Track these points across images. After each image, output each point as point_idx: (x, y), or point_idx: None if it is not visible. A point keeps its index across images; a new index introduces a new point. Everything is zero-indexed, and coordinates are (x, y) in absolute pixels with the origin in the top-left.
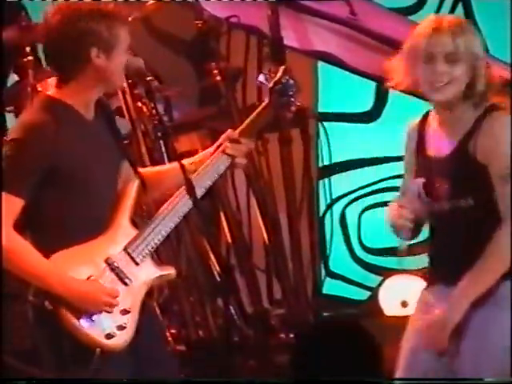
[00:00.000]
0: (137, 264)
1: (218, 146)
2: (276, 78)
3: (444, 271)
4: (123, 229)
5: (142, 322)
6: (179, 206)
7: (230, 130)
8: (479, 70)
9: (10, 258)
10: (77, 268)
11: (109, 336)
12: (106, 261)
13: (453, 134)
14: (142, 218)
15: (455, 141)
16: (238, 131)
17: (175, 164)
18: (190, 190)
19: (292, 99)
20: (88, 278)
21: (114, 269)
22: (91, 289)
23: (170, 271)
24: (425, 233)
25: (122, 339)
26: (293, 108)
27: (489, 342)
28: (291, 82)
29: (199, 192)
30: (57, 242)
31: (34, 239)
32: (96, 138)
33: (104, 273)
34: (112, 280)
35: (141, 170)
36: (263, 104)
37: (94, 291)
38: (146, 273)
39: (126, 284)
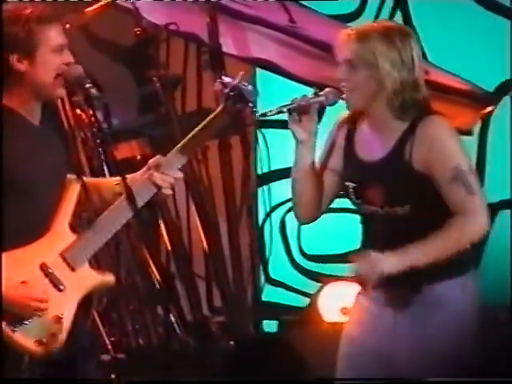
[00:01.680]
0: (73, 270)
1: (147, 170)
2: (233, 83)
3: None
4: (61, 234)
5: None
6: (119, 213)
7: (157, 157)
8: (390, 77)
9: None
10: (11, 272)
11: (40, 342)
12: (41, 266)
13: (385, 138)
14: (81, 224)
15: (389, 146)
16: (176, 148)
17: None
18: (131, 199)
19: (251, 104)
20: (22, 283)
21: (47, 274)
22: (20, 294)
23: (109, 278)
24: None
25: (53, 344)
26: (253, 113)
27: (422, 341)
28: (250, 88)
29: (140, 203)
30: None
31: None
32: (41, 143)
33: (38, 278)
34: (45, 285)
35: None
36: (217, 110)
37: (22, 296)
38: (83, 279)
39: (60, 290)
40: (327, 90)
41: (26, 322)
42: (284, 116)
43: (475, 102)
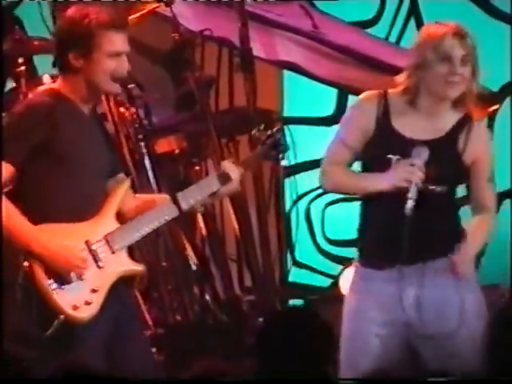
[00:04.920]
0: (113, 253)
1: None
2: (270, 133)
3: (391, 254)
4: (107, 220)
5: (112, 306)
6: (164, 211)
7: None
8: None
9: None
10: (58, 241)
11: (75, 307)
12: (86, 242)
13: (434, 122)
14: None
15: (440, 130)
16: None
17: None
18: (176, 202)
19: (280, 155)
20: (65, 245)
21: (91, 250)
22: (64, 251)
23: (140, 268)
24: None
25: (86, 313)
26: (280, 162)
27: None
28: (282, 141)
29: (184, 205)
30: (44, 216)
31: (22, 209)
32: (91, 133)
33: (82, 252)
34: (88, 260)
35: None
36: (255, 150)
37: (67, 253)
38: (119, 263)
39: (99, 267)
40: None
41: (65, 287)
42: (309, 113)
43: (481, 100)
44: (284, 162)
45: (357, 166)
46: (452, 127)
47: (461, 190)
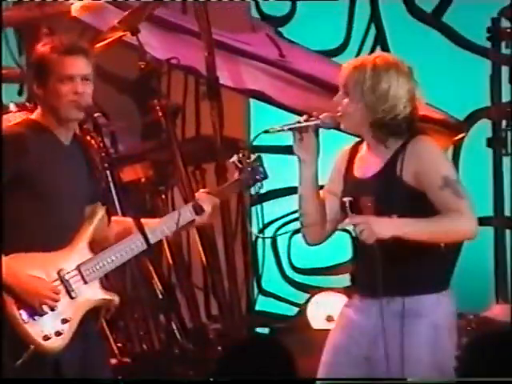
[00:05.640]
0: (85, 282)
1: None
2: (249, 161)
3: (366, 285)
4: (80, 250)
5: (81, 336)
6: (136, 243)
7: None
8: (375, 108)
9: None
10: (30, 271)
11: (46, 337)
12: (58, 272)
13: (378, 158)
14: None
15: (381, 164)
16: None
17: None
18: (145, 237)
19: (258, 183)
20: (38, 277)
21: (63, 281)
22: (36, 283)
23: (114, 298)
24: (348, 254)
25: (57, 344)
26: (258, 190)
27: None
28: (261, 169)
29: (154, 238)
30: (18, 245)
31: None
32: (69, 162)
33: (53, 282)
34: (60, 291)
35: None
36: (233, 179)
37: (37, 285)
38: (92, 293)
39: (71, 297)
40: (324, 114)
41: (37, 318)
42: (277, 141)
43: (448, 129)
44: (262, 191)
45: None
46: (390, 157)
47: None
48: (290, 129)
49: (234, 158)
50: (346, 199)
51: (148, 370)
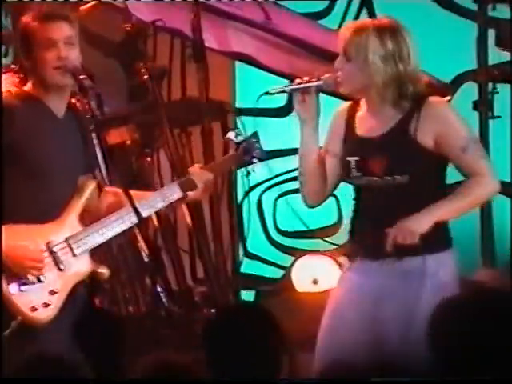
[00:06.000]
0: (74, 255)
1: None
2: (244, 137)
3: (370, 246)
4: (70, 222)
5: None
6: (125, 217)
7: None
8: (380, 72)
9: None
10: (18, 242)
11: (33, 309)
12: (47, 244)
13: (384, 118)
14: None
15: (389, 124)
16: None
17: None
18: (136, 211)
19: (254, 160)
20: (22, 246)
21: (51, 252)
22: (20, 251)
23: (103, 271)
24: (334, 217)
25: (44, 315)
26: (253, 167)
27: (405, 310)
28: (258, 145)
29: (145, 213)
30: (8, 217)
31: None
32: (63, 135)
33: (41, 253)
34: (48, 263)
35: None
36: (228, 154)
37: (23, 254)
38: (81, 265)
39: (60, 269)
40: (327, 75)
41: (24, 289)
42: (261, 104)
43: (433, 92)
44: (257, 169)
45: None
46: (400, 119)
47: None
48: (292, 90)
49: (230, 134)
50: (350, 159)
51: (134, 333)
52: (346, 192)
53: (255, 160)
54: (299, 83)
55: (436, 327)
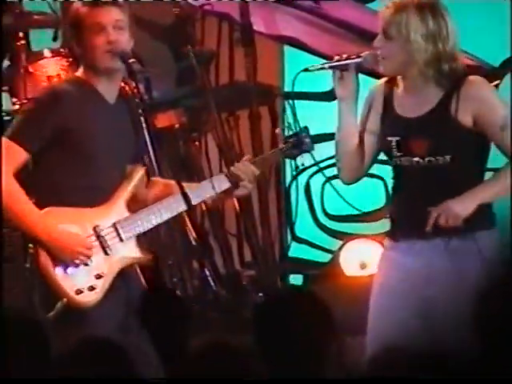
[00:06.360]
0: (121, 240)
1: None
2: (294, 131)
3: (411, 227)
4: (117, 207)
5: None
6: (174, 205)
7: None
8: (421, 50)
9: (5, 202)
10: (65, 225)
11: (78, 291)
12: (94, 228)
13: (425, 98)
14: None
15: (430, 104)
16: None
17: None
18: (186, 198)
19: (302, 154)
20: (73, 233)
21: (99, 236)
22: (69, 237)
23: (148, 257)
24: (381, 201)
25: (89, 298)
26: (299, 162)
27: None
28: (307, 140)
29: (195, 201)
30: (56, 200)
31: (32, 193)
32: (113, 121)
33: (89, 237)
34: (95, 247)
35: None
36: (276, 148)
37: (71, 241)
38: (127, 251)
39: (106, 253)
40: (367, 53)
41: (70, 272)
42: (310, 88)
43: (482, 76)
44: (305, 163)
45: None
46: (441, 98)
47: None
48: (330, 66)
49: (278, 129)
50: (391, 138)
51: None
52: None
53: (303, 155)
54: (338, 60)
55: (486, 308)
